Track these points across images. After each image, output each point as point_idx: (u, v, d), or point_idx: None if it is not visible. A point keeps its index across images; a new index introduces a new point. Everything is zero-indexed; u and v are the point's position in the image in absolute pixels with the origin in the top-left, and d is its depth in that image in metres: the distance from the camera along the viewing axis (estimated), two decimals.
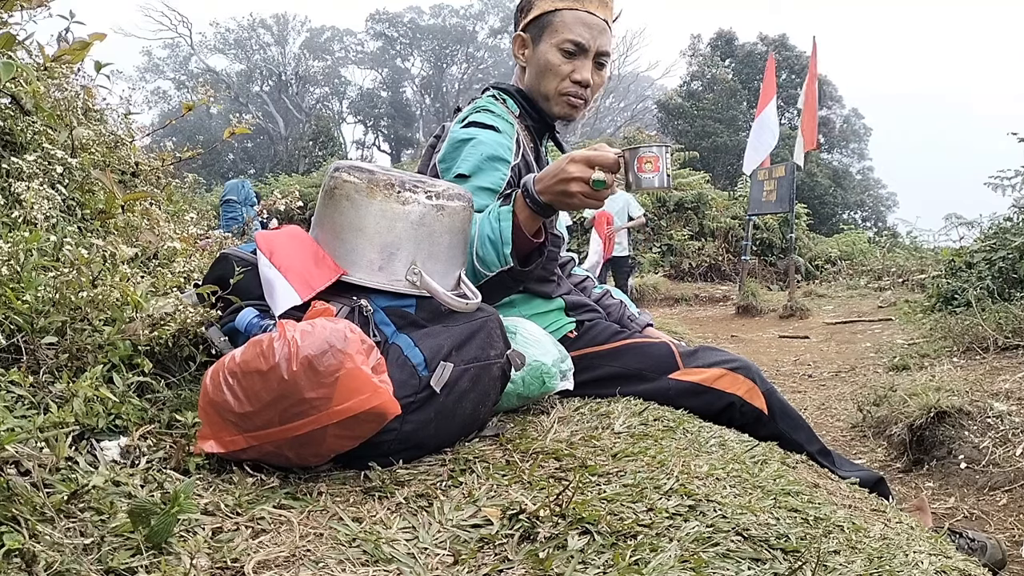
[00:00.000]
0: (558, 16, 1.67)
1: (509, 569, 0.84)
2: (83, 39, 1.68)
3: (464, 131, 1.64)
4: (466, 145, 1.60)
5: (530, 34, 1.72)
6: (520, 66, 1.77)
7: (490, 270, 1.44)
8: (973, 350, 4.22)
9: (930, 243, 12.90)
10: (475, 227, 1.43)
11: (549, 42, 1.68)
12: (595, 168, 1.32)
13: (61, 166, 1.43)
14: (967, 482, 2.62)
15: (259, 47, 36.34)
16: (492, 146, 1.59)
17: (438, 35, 37.14)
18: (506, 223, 1.41)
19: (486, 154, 1.58)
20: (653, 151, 1.35)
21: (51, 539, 0.77)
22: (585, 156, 1.34)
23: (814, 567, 0.91)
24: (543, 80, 1.70)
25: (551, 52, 1.68)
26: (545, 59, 1.68)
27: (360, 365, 1.00)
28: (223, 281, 1.29)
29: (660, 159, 1.34)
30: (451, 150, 1.64)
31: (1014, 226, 5.90)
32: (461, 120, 1.69)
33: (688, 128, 25.02)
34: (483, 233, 1.42)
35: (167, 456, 1.04)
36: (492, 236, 1.41)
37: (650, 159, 1.34)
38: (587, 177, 1.32)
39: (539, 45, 1.70)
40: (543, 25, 1.69)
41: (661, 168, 1.34)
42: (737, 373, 1.63)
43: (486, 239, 1.42)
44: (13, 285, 1.07)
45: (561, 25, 1.67)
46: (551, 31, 1.68)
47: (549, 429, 1.34)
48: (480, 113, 1.67)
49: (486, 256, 1.43)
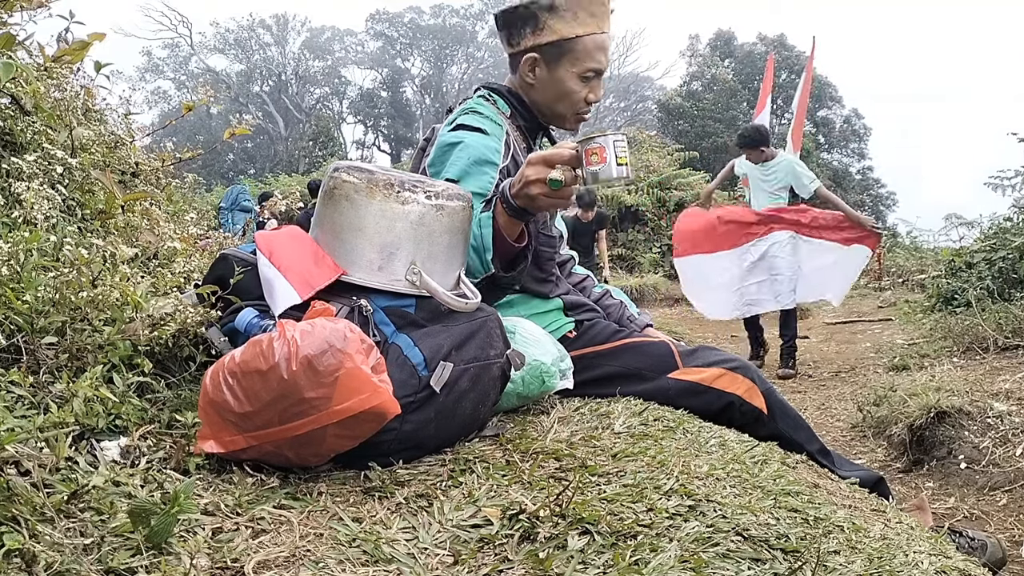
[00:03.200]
0: (579, 44, 1.64)
1: (509, 569, 0.84)
2: (83, 39, 1.68)
3: (452, 135, 1.63)
4: (454, 149, 1.59)
5: (544, 56, 1.66)
6: (527, 82, 1.71)
7: (476, 277, 1.44)
8: (973, 350, 4.22)
9: (930, 243, 12.91)
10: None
11: (570, 70, 1.65)
12: (554, 166, 1.29)
13: (61, 166, 1.43)
14: (967, 482, 2.62)
15: (259, 47, 36.36)
16: (479, 149, 1.58)
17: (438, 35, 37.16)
18: (487, 229, 1.40)
19: (473, 158, 1.57)
20: (597, 141, 1.27)
21: (51, 539, 0.77)
22: (541, 156, 1.31)
23: (814, 567, 0.91)
24: (559, 104, 1.70)
25: (572, 80, 1.66)
26: (566, 87, 1.67)
27: (360, 365, 1.00)
28: (223, 281, 1.29)
29: (607, 148, 1.26)
30: (439, 154, 1.63)
31: (1014, 226, 5.90)
32: (449, 123, 1.68)
33: (688, 128, 25.02)
34: (474, 237, 1.42)
35: (167, 456, 1.04)
36: (475, 243, 1.42)
37: (595, 150, 1.27)
38: (544, 177, 1.29)
39: (557, 70, 1.66)
40: (563, 51, 1.64)
41: (609, 159, 1.26)
42: (736, 372, 1.62)
43: (470, 247, 1.41)
44: (13, 285, 1.07)
45: (583, 53, 1.64)
46: (572, 58, 1.65)
47: (549, 429, 1.34)
48: (468, 115, 1.66)
49: (471, 263, 1.43)
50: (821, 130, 28.27)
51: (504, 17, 1.72)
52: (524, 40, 1.68)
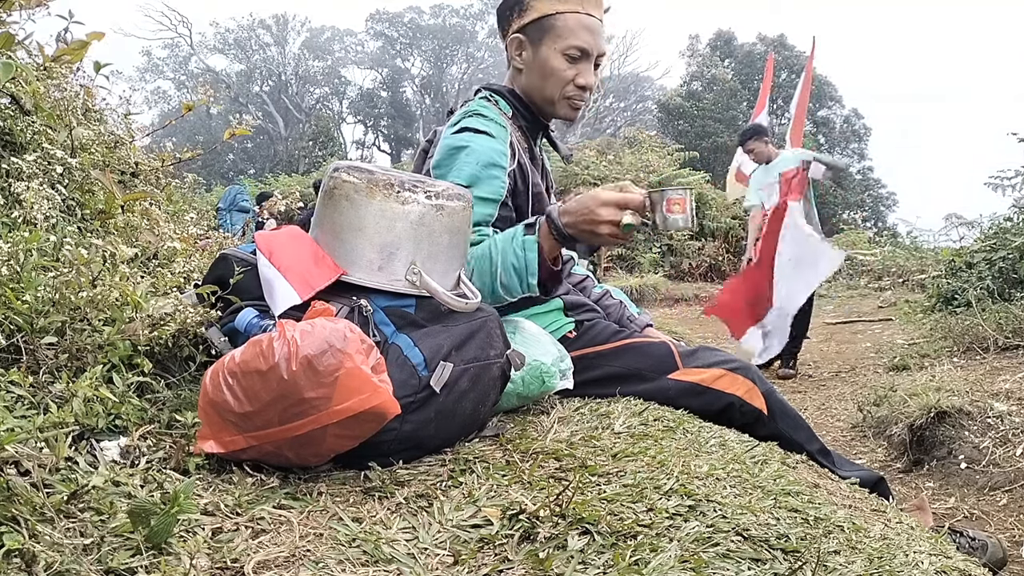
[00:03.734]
0: (560, 20, 1.65)
1: (509, 569, 0.84)
2: (82, 39, 1.68)
3: (457, 137, 1.62)
4: (460, 153, 1.59)
5: (528, 36, 1.69)
6: (516, 68, 1.74)
7: (512, 296, 1.49)
8: (973, 350, 4.22)
9: (930, 243, 12.90)
10: (494, 252, 1.47)
11: (552, 47, 1.66)
12: (625, 211, 1.38)
13: (61, 166, 1.43)
14: (967, 482, 2.62)
15: (259, 47, 36.34)
16: (488, 153, 1.58)
17: (438, 35, 37.14)
18: (532, 254, 1.44)
19: (482, 162, 1.57)
20: (680, 193, 1.40)
21: (51, 539, 0.77)
22: (615, 199, 1.39)
23: (814, 567, 0.91)
24: (546, 84, 1.69)
25: (555, 57, 1.66)
26: (549, 64, 1.67)
27: (360, 365, 1.00)
28: (223, 281, 1.29)
29: (687, 201, 1.40)
30: (445, 157, 1.62)
31: (1014, 226, 5.89)
32: (453, 125, 1.67)
33: (688, 128, 25.01)
34: (507, 262, 1.45)
35: (167, 456, 1.04)
36: (517, 264, 1.45)
37: (678, 201, 1.39)
38: (617, 220, 1.38)
39: (540, 49, 1.67)
40: (544, 28, 1.66)
41: (688, 210, 1.40)
42: (737, 373, 1.62)
43: (511, 267, 1.45)
44: (13, 285, 1.07)
45: (565, 30, 1.65)
46: (554, 35, 1.66)
47: (549, 429, 1.34)
48: (472, 118, 1.65)
49: (509, 283, 1.47)
50: (821, 130, 28.23)
51: (498, 11, 1.77)
52: (512, 25, 1.72)
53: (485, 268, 1.48)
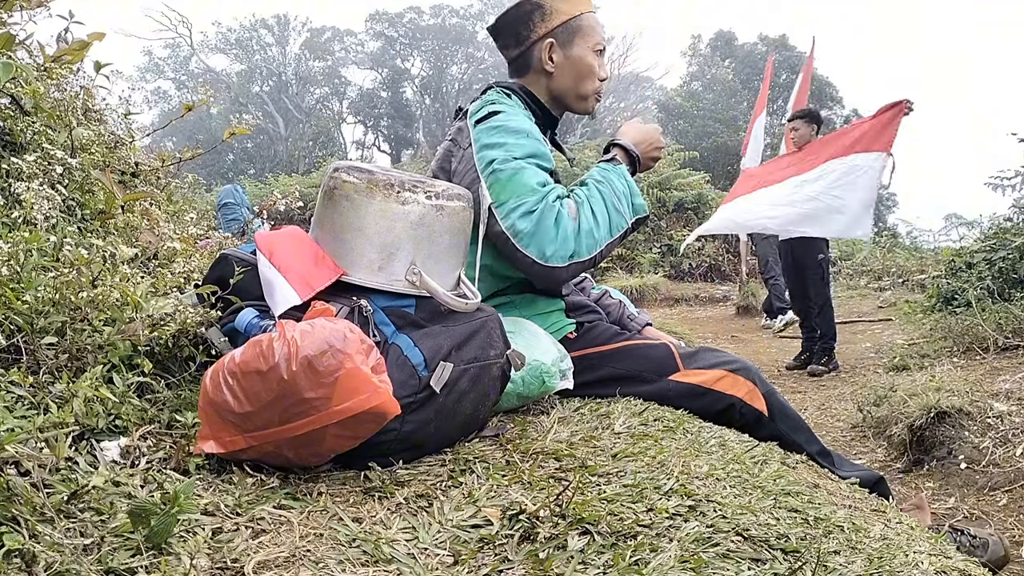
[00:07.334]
0: (584, 20, 1.74)
1: (509, 569, 0.84)
2: (82, 39, 1.68)
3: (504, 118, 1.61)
4: (510, 133, 1.58)
5: (559, 39, 1.73)
6: (545, 71, 1.74)
7: (623, 224, 1.60)
8: (973, 350, 4.22)
9: (930, 243, 12.90)
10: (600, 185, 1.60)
11: (584, 45, 1.73)
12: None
13: (61, 166, 1.43)
14: (967, 482, 2.62)
15: (260, 47, 36.31)
16: (530, 126, 1.63)
17: (438, 35, 37.11)
18: (631, 179, 1.64)
19: (536, 136, 1.61)
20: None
21: (51, 539, 0.77)
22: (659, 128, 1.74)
23: (814, 567, 0.91)
24: (582, 83, 1.75)
25: (589, 55, 1.74)
26: (585, 62, 1.74)
27: (360, 365, 1.00)
28: (223, 281, 1.29)
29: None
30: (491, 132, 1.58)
31: (1014, 226, 5.90)
32: (478, 112, 1.64)
33: (688, 128, 24.99)
34: (616, 190, 1.60)
35: (167, 456, 1.04)
36: (624, 190, 1.61)
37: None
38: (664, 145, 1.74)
39: (572, 49, 1.73)
40: (573, 30, 1.72)
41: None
42: (737, 375, 1.62)
43: (621, 194, 1.60)
44: (13, 285, 1.07)
45: (589, 29, 1.74)
46: (583, 35, 1.73)
47: (549, 429, 1.34)
48: (497, 104, 1.65)
49: (621, 208, 1.59)
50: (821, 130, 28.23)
51: (505, 19, 1.75)
52: (535, 31, 1.73)
53: (597, 197, 1.57)
